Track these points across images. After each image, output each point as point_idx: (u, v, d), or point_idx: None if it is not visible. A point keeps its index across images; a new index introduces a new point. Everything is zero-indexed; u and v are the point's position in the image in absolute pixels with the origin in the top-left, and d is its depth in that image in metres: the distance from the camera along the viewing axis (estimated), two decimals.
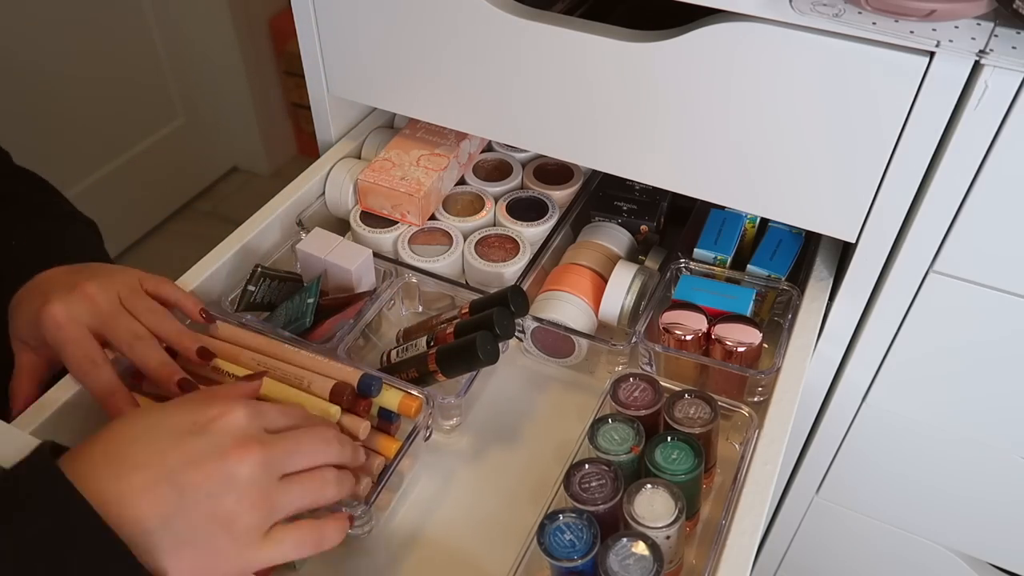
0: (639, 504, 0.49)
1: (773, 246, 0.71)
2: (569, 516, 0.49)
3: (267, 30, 1.84)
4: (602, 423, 0.55)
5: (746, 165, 0.60)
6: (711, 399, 0.56)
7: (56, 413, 0.55)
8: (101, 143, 1.65)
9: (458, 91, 0.68)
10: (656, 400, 0.56)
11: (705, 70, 0.56)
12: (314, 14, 0.70)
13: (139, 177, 1.74)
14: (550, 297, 0.68)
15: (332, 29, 0.71)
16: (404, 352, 0.62)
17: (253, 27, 1.79)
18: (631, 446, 0.53)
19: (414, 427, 0.56)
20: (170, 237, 1.83)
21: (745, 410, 0.58)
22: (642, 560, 0.47)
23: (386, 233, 0.73)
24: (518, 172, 0.81)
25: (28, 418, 0.54)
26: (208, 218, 1.89)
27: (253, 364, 0.57)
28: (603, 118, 0.63)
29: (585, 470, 0.52)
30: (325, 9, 0.70)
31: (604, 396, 0.58)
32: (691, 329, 0.62)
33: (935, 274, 0.58)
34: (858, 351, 0.65)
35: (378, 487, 0.53)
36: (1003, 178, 0.51)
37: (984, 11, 0.47)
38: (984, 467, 0.68)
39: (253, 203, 0.73)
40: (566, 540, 0.48)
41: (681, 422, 0.55)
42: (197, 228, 1.85)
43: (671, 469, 0.52)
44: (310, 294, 0.64)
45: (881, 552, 0.82)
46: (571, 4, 0.72)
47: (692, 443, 0.53)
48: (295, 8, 0.71)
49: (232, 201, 1.93)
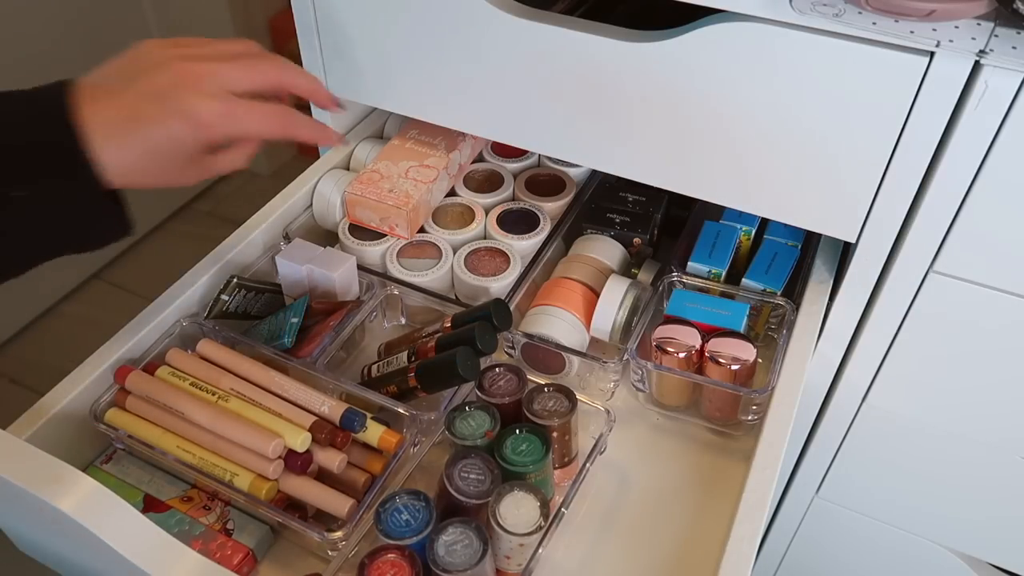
0: (505, 506, 0.51)
1: (768, 259, 0.70)
2: (406, 497, 0.51)
3: (267, 30, 1.84)
4: (460, 410, 0.57)
5: (746, 165, 0.60)
6: (570, 393, 0.58)
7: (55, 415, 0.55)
8: None
9: (458, 91, 0.68)
10: (519, 390, 0.58)
11: (705, 70, 0.56)
12: (314, 14, 0.70)
13: None
14: (541, 312, 0.68)
15: (332, 29, 0.71)
16: (385, 367, 0.62)
17: (253, 27, 1.79)
18: (485, 431, 0.55)
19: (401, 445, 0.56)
20: (170, 237, 1.82)
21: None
22: (469, 547, 0.49)
23: (374, 246, 0.73)
24: (509, 183, 0.80)
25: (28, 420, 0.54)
26: (208, 218, 1.89)
27: (228, 390, 0.58)
28: (603, 118, 0.63)
29: (470, 460, 0.54)
30: (325, 9, 0.70)
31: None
32: (684, 345, 0.62)
33: (935, 274, 0.58)
34: (858, 351, 0.65)
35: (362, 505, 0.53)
36: (1003, 178, 0.51)
37: (984, 11, 0.47)
38: (984, 467, 0.68)
39: (253, 203, 0.73)
40: (402, 520, 0.50)
41: (538, 414, 0.57)
42: (197, 228, 1.85)
43: (519, 461, 0.54)
44: (295, 313, 0.63)
45: (881, 552, 0.81)
46: (571, 4, 0.71)
47: (541, 435, 0.55)
48: (295, 8, 0.71)
49: (232, 201, 1.93)
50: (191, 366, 0.59)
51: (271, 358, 0.61)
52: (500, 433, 0.55)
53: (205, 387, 0.57)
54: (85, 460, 0.59)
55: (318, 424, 0.55)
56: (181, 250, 1.76)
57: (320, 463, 0.55)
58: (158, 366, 0.59)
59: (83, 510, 0.44)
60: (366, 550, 0.50)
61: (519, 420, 0.57)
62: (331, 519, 0.54)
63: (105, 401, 0.58)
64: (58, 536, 0.51)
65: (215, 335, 0.62)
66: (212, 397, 0.56)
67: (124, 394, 0.58)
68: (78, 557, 0.53)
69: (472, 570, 0.48)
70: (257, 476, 0.53)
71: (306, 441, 0.54)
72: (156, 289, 0.64)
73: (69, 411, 0.56)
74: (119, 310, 0.78)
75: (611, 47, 0.59)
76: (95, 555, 0.47)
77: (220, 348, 0.60)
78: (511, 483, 0.52)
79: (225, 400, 0.56)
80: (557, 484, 0.60)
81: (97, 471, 0.59)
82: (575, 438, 0.60)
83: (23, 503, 0.48)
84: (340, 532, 0.52)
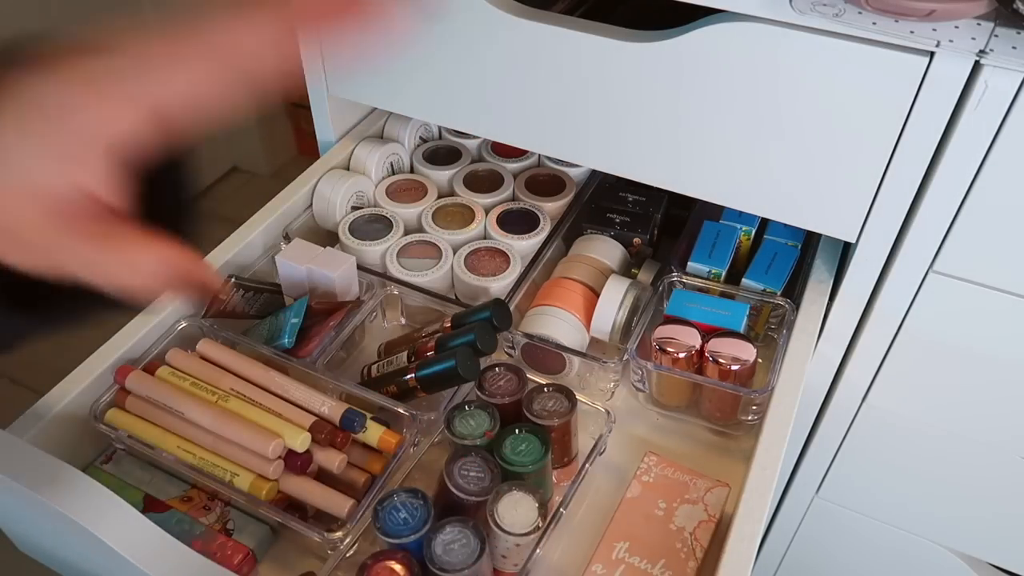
0: (503, 506, 0.51)
1: (768, 259, 0.70)
2: (404, 495, 0.51)
3: None
4: (459, 410, 0.57)
5: (746, 165, 0.60)
6: (570, 393, 0.58)
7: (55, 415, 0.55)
8: None
9: (458, 91, 0.68)
10: (519, 390, 0.58)
11: (705, 70, 0.56)
12: None
13: None
14: (541, 312, 0.68)
15: None
16: (385, 367, 0.62)
17: None
18: (485, 431, 0.55)
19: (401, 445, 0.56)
20: None
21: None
22: (466, 547, 0.49)
23: (375, 246, 0.73)
24: (509, 183, 0.81)
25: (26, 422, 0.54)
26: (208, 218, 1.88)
27: (229, 390, 0.57)
28: (603, 118, 0.63)
29: (470, 458, 0.53)
30: None
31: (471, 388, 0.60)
32: (684, 345, 0.62)
33: (935, 274, 0.58)
34: (858, 351, 0.65)
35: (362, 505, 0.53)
36: (1003, 178, 0.51)
37: (984, 11, 0.47)
38: (984, 467, 0.68)
39: (253, 203, 0.73)
40: (400, 518, 0.50)
41: (537, 414, 0.57)
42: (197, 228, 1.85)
43: (518, 461, 0.54)
44: (294, 313, 0.63)
45: (881, 552, 0.81)
46: (571, 4, 0.71)
47: (540, 435, 0.55)
48: None
49: (232, 201, 1.93)
50: (191, 366, 0.59)
51: (271, 358, 0.61)
52: (500, 433, 0.56)
53: (205, 387, 0.57)
54: (85, 460, 0.59)
55: (318, 424, 0.55)
56: None
57: (320, 463, 0.55)
58: (158, 366, 0.59)
59: (83, 510, 0.44)
60: (365, 550, 0.50)
61: (519, 420, 0.57)
62: (331, 519, 0.54)
63: (105, 401, 0.58)
64: (58, 536, 0.51)
65: (215, 335, 0.62)
66: (212, 397, 0.56)
67: (124, 394, 0.58)
68: (78, 557, 0.53)
69: (469, 569, 0.48)
70: (257, 476, 0.53)
71: (306, 441, 0.54)
72: None
73: (69, 411, 0.56)
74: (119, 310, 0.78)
75: (611, 47, 0.59)
76: (95, 555, 0.47)
77: (220, 348, 0.60)
78: (510, 483, 0.52)
79: (225, 400, 0.56)
80: (556, 484, 0.60)
81: (97, 471, 0.59)
82: (575, 438, 0.60)
83: (23, 503, 0.48)
84: (340, 532, 0.52)
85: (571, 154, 0.67)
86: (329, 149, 0.81)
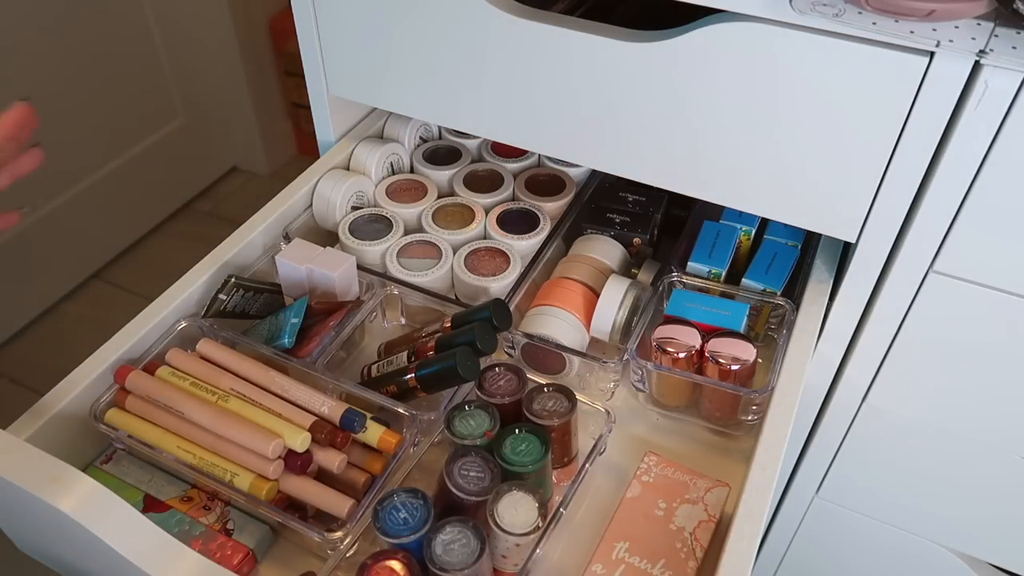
0: (503, 506, 0.51)
1: (768, 259, 0.70)
2: (404, 495, 0.51)
3: (267, 30, 1.84)
4: (459, 410, 0.57)
5: (746, 165, 0.60)
6: (570, 393, 0.58)
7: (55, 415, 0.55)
8: (101, 143, 1.65)
9: (458, 91, 0.68)
10: (519, 390, 0.58)
11: (705, 70, 0.56)
12: (314, 14, 0.70)
13: (139, 177, 1.74)
14: (541, 312, 0.68)
15: (332, 29, 0.71)
16: (385, 367, 0.62)
17: (253, 27, 1.79)
18: (485, 431, 0.55)
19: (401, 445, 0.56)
20: (170, 237, 1.82)
21: None
22: (466, 546, 0.49)
23: (375, 246, 0.73)
24: (509, 183, 0.81)
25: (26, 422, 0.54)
26: (208, 218, 1.88)
27: (229, 390, 0.57)
28: (603, 118, 0.63)
29: (470, 458, 0.54)
30: (325, 9, 0.70)
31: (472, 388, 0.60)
32: (684, 345, 0.62)
33: (935, 274, 0.58)
34: (858, 351, 0.65)
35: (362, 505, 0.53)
36: (1003, 178, 0.51)
37: (984, 11, 0.47)
38: (984, 467, 0.68)
39: (253, 203, 0.73)
40: (400, 518, 0.50)
41: (537, 414, 0.57)
42: (197, 228, 1.85)
43: (518, 461, 0.54)
44: (294, 313, 0.63)
45: (881, 552, 0.81)
46: (571, 4, 0.72)
47: (540, 435, 0.55)
48: (295, 8, 0.71)
49: (232, 201, 1.93)
50: (191, 366, 0.59)
51: (271, 358, 0.61)
52: (499, 433, 0.56)
53: (205, 387, 0.57)
54: (85, 460, 0.59)
55: (318, 424, 0.55)
56: (181, 250, 1.76)
57: (320, 463, 0.55)
58: (158, 366, 0.59)
59: (83, 510, 0.44)
60: (364, 550, 0.50)
61: (519, 420, 0.57)
62: (331, 519, 0.54)
63: (105, 401, 0.58)
64: (58, 536, 0.51)
65: (215, 335, 0.62)
66: (212, 397, 0.56)
67: (124, 394, 0.58)
68: (78, 557, 0.53)
69: (469, 569, 0.48)
70: (257, 476, 0.53)
71: (306, 441, 0.54)
72: (156, 289, 0.64)
73: (69, 411, 0.56)
74: (119, 310, 0.78)
75: (611, 47, 0.59)
76: (95, 555, 0.47)
77: (220, 348, 0.60)
78: (510, 483, 0.52)
79: (225, 400, 0.56)
80: (556, 484, 0.60)
81: (97, 471, 0.59)
82: (575, 438, 0.60)
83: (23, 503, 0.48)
84: (340, 532, 0.52)
85: (571, 154, 0.68)
86: (329, 149, 0.81)
